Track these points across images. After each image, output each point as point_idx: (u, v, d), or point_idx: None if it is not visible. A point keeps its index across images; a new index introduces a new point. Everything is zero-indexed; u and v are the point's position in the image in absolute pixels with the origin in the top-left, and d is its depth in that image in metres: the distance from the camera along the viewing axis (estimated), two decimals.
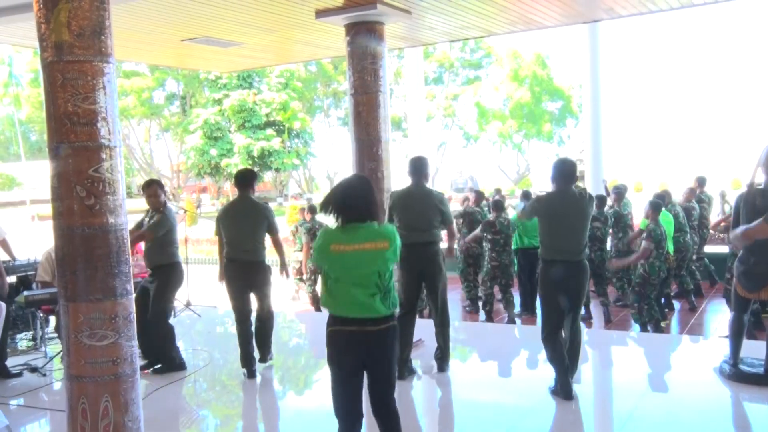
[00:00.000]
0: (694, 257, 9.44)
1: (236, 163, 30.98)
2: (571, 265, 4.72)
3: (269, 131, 31.74)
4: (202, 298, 9.43)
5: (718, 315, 8.62)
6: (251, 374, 5.64)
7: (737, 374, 5.05)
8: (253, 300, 5.71)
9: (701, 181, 10.24)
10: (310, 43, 7.36)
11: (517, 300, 9.00)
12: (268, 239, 5.69)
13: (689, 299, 8.99)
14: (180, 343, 6.20)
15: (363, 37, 6.04)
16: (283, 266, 5.99)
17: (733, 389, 4.97)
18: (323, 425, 4.72)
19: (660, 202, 7.58)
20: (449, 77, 38.67)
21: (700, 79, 55.01)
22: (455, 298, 9.76)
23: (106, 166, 3.60)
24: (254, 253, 5.53)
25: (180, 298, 8.56)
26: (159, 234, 5.70)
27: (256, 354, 5.72)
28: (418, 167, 5.42)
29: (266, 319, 5.79)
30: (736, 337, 5.15)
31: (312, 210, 10.20)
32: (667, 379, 5.53)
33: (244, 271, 5.54)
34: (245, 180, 5.67)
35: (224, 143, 31.54)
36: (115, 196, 3.65)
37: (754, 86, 50.65)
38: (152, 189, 5.82)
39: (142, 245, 6.43)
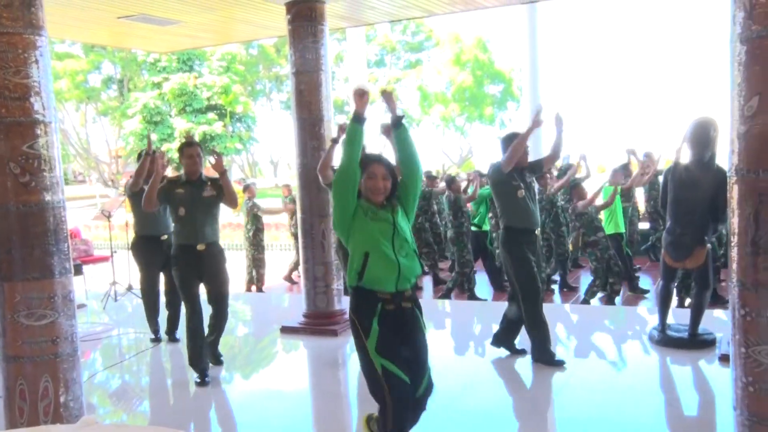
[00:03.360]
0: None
1: (177, 147, 30.32)
2: None
3: (211, 115, 31.15)
4: None
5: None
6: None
7: (665, 339, 5.33)
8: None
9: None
10: (251, 22, 7.28)
11: None
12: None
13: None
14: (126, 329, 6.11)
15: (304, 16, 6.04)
16: None
17: (660, 353, 5.26)
18: (269, 408, 4.78)
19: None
20: (391, 60, 38.70)
21: (637, 61, 56.67)
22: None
23: (41, 143, 3.53)
24: None
25: (121, 281, 8.45)
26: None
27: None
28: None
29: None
30: (664, 304, 5.43)
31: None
32: (601, 347, 5.78)
33: None
34: None
35: (165, 128, 30.81)
36: (52, 173, 3.58)
37: (692, 68, 52.48)
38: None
39: (80, 228, 6.34)
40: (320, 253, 6.18)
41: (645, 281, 9.18)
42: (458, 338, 6.41)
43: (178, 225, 5.02)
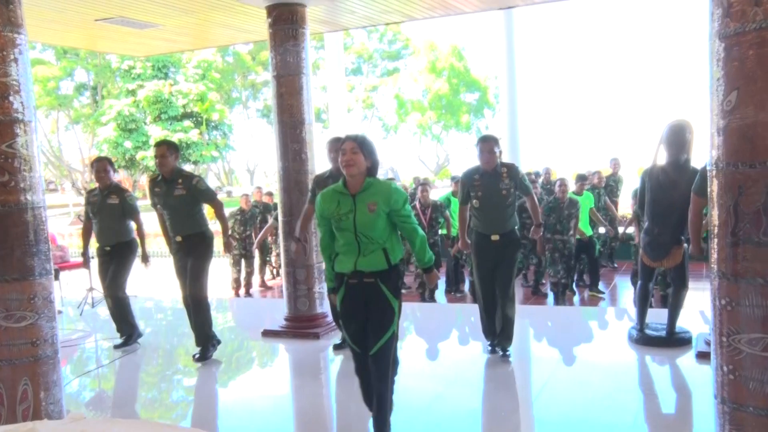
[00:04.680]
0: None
1: (152, 156, 30.04)
2: None
3: (186, 123, 30.91)
4: None
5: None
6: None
7: (643, 338, 5.41)
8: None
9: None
10: (231, 26, 7.27)
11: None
12: None
13: None
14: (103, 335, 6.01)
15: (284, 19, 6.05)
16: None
17: (639, 352, 5.33)
18: (250, 411, 4.74)
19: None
20: (368, 68, 38.83)
21: (614, 67, 57.47)
22: None
23: (20, 142, 3.48)
24: None
25: (98, 288, 8.33)
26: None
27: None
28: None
29: None
30: (642, 303, 5.50)
31: None
32: (580, 347, 5.84)
33: None
34: None
35: (139, 135, 30.50)
36: (32, 173, 3.54)
37: (668, 72, 53.40)
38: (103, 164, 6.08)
39: (55, 234, 6.33)
40: (301, 256, 6.16)
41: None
42: (437, 340, 6.42)
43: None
